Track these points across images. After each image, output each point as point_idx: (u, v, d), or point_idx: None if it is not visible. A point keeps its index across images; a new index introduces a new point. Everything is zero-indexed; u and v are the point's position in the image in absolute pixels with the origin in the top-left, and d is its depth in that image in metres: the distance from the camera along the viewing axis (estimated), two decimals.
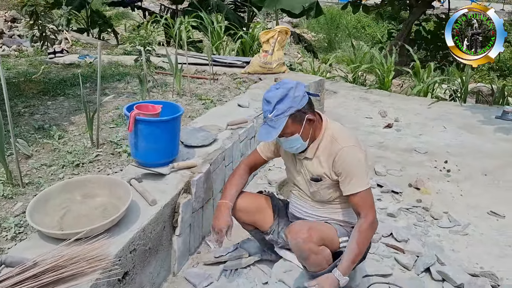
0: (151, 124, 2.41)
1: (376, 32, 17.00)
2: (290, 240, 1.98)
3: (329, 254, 2.00)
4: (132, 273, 1.97)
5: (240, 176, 2.25)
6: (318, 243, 1.94)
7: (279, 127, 1.87)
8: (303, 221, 2.11)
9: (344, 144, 1.94)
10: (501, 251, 2.73)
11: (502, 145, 4.35)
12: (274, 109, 1.85)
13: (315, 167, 2.02)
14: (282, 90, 1.85)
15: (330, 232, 2.04)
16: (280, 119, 1.86)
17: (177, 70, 4.11)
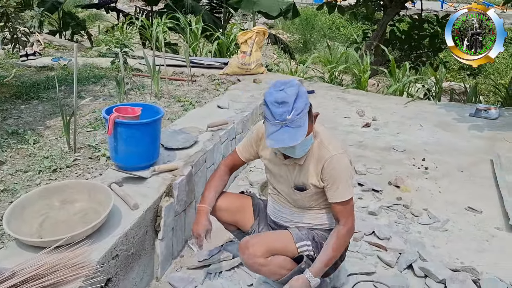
0: (131, 127, 2.37)
1: (351, 32, 17.21)
2: (239, 256, 2.00)
3: (282, 261, 1.98)
4: (115, 279, 1.92)
5: (220, 177, 2.24)
6: (264, 256, 1.93)
7: (304, 125, 1.78)
8: (252, 235, 2.11)
9: (334, 152, 1.91)
10: (479, 245, 2.79)
11: (476, 142, 4.45)
12: (293, 109, 1.75)
13: (303, 174, 1.98)
14: (293, 88, 1.77)
15: (282, 241, 2.02)
16: (302, 117, 1.77)
17: (155, 72, 4.06)
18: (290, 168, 2.01)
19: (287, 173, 2.03)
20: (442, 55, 11.37)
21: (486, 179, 3.69)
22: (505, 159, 3.92)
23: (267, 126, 1.80)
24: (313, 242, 2.04)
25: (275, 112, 1.75)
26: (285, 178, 2.05)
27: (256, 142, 2.15)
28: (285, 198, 2.11)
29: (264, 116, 1.82)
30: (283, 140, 1.75)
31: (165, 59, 4.54)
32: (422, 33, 9.27)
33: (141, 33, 7.93)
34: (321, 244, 2.04)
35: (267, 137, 1.79)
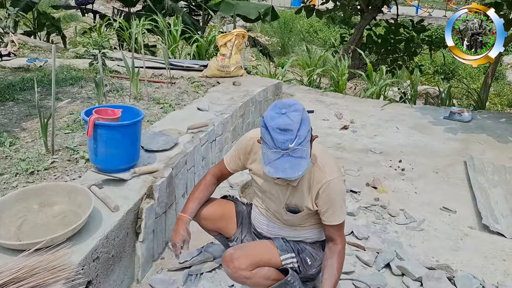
0: (111, 129, 2.35)
1: (329, 36, 17.41)
2: (223, 269, 1.99)
3: (267, 272, 1.97)
4: (96, 281, 1.91)
5: (205, 188, 2.18)
6: (248, 269, 1.91)
7: (307, 155, 1.69)
8: (238, 246, 2.09)
9: (330, 176, 1.85)
10: (454, 244, 2.87)
11: (451, 144, 4.58)
12: (297, 137, 1.64)
13: (296, 197, 1.93)
14: (297, 114, 1.66)
15: (266, 253, 2.00)
16: (305, 146, 1.67)
17: (134, 73, 4.03)
18: (283, 189, 1.96)
19: (278, 193, 1.98)
20: (417, 59, 11.64)
21: (460, 180, 3.80)
22: (477, 160, 4.05)
23: (265, 152, 1.70)
24: (297, 256, 2.04)
25: (277, 139, 1.64)
26: (276, 197, 2.00)
27: (244, 155, 2.07)
28: (273, 214, 2.08)
29: (263, 140, 1.71)
30: (284, 170, 1.65)
31: (144, 61, 4.51)
32: (398, 38, 9.46)
33: (119, 34, 7.85)
34: (304, 259, 2.05)
35: (265, 164, 1.69)
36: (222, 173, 2.21)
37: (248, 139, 2.05)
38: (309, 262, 2.07)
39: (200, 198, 2.16)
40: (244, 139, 2.08)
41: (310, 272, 2.09)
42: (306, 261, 2.06)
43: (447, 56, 15.70)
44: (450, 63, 16.15)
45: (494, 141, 4.67)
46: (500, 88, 14.52)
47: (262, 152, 1.72)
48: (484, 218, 3.06)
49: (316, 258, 2.09)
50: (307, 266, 2.06)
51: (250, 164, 2.07)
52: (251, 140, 2.02)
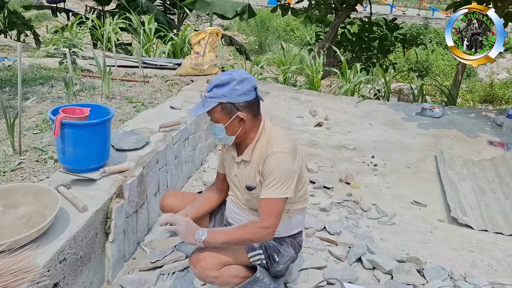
0: (79, 128, 2.31)
1: (305, 34, 17.53)
2: (191, 270, 1.99)
3: (235, 271, 1.97)
4: (63, 284, 1.87)
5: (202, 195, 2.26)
6: (216, 268, 1.91)
7: (206, 108, 1.90)
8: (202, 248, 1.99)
9: (277, 149, 1.90)
10: (424, 237, 2.93)
11: (422, 139, 4.66)
12: (211, 91, 1.88)
13: (252, 174, 1.99)
14: (227, 77, 1.87)
15: (233, 252, 1.99)
16: (210, 102, 1.88)
17: (106, 72, 3.97)
18: (241, 167, 2.04)
19: (239, 172, 2.06)
20: (391, 57, 11.82)
21: (431, 174, 3.88)
22: (447, 155, 4.14)
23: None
24: (265, 252, 2.05)
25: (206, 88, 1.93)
26: (238, 178, 2.08)
27: (222, 153, 2.21)
28: (239, 199, 2.13)
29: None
30: (194, 107, 1.97)
31: (116, 60, 4.45)
32: (372, 36, 9.59)
33: (92, 33, 7.73)
34: (272, 256, 2.06)
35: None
36: (217, 180, 2.27)
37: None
38: (276, 259, 2.08)
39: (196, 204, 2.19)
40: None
41: (278, 268, 2.09)
42: (273, 258, 2.07)
43: (421, 54, 16.03)
44: (424, 61, 16.48)
45: (463, 135, 4.78)
46: (472, 85, 14.89)
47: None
48: (452, 211, 3.13)
49: (283, 255, 2.10)
50: (275, 263, 2.07)
51: (224, 155, 2.18)
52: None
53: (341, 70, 6.80)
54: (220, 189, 2.25)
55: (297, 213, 2.11)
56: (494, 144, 4.56)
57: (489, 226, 3.05)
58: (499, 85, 14.17)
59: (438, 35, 18.73)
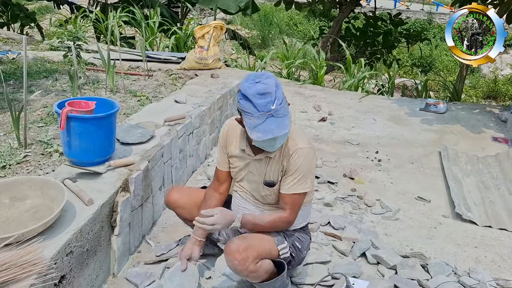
0: (85, 121, 2.31)
1: (308, 29, 17.47)
2: (226, 260, 1.94)
3: (267, 266, 1.98)
4: (70, 276, 1.88)
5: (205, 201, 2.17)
6: (254, 262, 1.90)
7: (288, 113, 1.77)
8: (240, 237, 2.03)
9: (302, 145, 1.92)
10: (428, 233, 2.93)
11: (426, 135, 4.66)
12: (276, 98, 1.74)
13: (272, 169, 1.98)
14: (271, 79, 1.77)
15: (268, 245, 2.00)
16: (284, 106, 1.76)
17: (110, 66, 3.97)
18: (261, 164, 2.00)
19: (257, 169, 2.02)
20: (395, 52, 11.77)
21: (435, 170, 3.87)
22: (451, 151, 4.14)
23: (249, 121, 1.76)
24: (288, 242, 2.06)
25: (259, 103, 1.72)
26: (254, 174, 2.04)
27: (224, 145, 2.11)
28: (251, 195, 2.10)
29: (243, 110, 1.77)
30: (271, 130, 1.73)
31: (120, 54, 4.44)
32: (376, 31, 9.55)
33: (95, 26, 7.72)
34: (294, 244, 2.08)
35: (252, 130, 1.75)
36: (219, 180, 2.18)
37: (223, 129, 2.12)
38: (298, 246, 2.10)
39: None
40: (221, 132, 2.14)
41: (302, 255, 2.14)
42: (296, 246, 2.09)
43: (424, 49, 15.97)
44: (427, 56, 16.40)
45: (468, 131, 4.77)
46: (476, 81, 14.82)
47: (246, 123, 1.78)
48: (457, 207, 3.13)
49: (303, 241, 2.14)
50: (298, 251, 2.09)
51: (229, 150, 2.10)
52: (225, 128, 2.10)
53: (345, 65, 6.78)
54: (219, 188, 2.19)
55: (305, 205, 2.12)
56: (499, 140, 4.55)
57: (493, 222, 3.05)
58: (503, 81, 14.10)
59: (441, 30, 18.62)
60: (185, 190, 2.41)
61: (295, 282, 2.29)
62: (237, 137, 2.05)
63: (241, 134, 2.02)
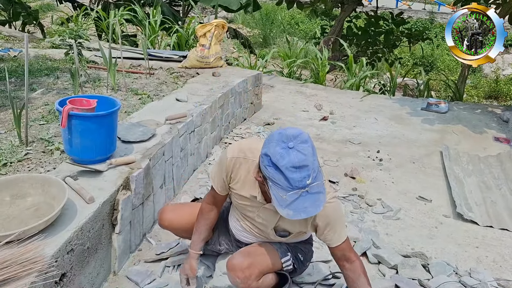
0: (86, 119, 2.31)
1: (310, 28, 17.45)
2: (228, 276, 1.91)
3: (270, 281, 1.96)
4: (70, 274, 1.88)
5: (203, 217, 2.07)
6: (257, 279, 1.87)
7: (324, 188, 1.55)
8: (243, 252, 1.97)
9: (328, 198, 1.72)
10: (429, 232, 2.93)
11: (427, 135, 4.65)
12: (312, 171, 1.49)
13: (287, 221, 1.84)
14: (307, 146, 1.51)
15: (271, 260, 1.96)
16: (321, 178, 1.54)
17: (111, 64, 3.96)
18: (273, 213, 1.83)
19: (269, 216, 1.88)
20: (397, 52, 11.75)
21: (437, 170, 3.87)
22: (453, 151, 4.13)
23: (277, 193, 1.52)
24: (292, 254, 2.05)
25: (293, 178, 1.47)
26: (264, 221, 1.91)
27: (227, 176, 1.90)
28: (258, 233, 2.01)
29: (271, 179, 1.53)
30: (304, 209, 1.50)
31: (122, 52, 4.44)
32: (378, 30, 9.53)
33: (97, 24, 7.72)
34: (297, 257, 2.05)
35: (282, 207, 1.52)
36: (215, 198, 2.03)
37: (229, 160, 1.85)
38: (301, 258, 2.09)
39: (200, 229, 2.09)
40: (224, 159, 1.88)
41: (305, 267, 2.14)
42: (299, 258, 2.07)
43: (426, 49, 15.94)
44: (429, 56, 16.37)
45: (469, 131, 4.76)
46: (477, 80, 14.78)
47: (272, 193, 1.54)
48: (458, 207, 3.12)
49: (305, 252, 2.12)
50: (300, 263, 2.09)
51: (234, 184, 1.90)
52: (231, 161, 1.85)
53: (347, 64, 6.77)
54: (219, 206, 2.09)
55: None
56: (500, 140, 4.55)
57: (495, 222, 3.04)
58: (504, 81, 14.07)
59: (443, 30, 18.57)
60: (178, 209, 2.26)
61: (296, 282, 2.29)
62: (247, 180, 1.84)
63: (253, 179, 1.77)
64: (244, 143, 1.96)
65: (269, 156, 1.51)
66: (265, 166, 1.53)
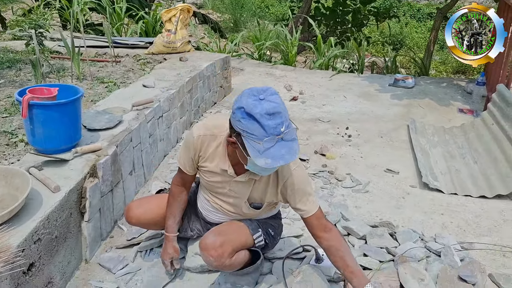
0: (47, 108, 2.28)
1: (280, 11, 17.37)
2: (202, 256, 1.94)
3: (242, 258, 2.00)
4: (39, 263, 1.88)
5: (175, 200, 2.08)
6: (230, 256, 1.90)
7: (296, 136, 1.59)
8: (215, 231, 1.98)
9: (294, 165, 1.80)
10: (397, 203, 3.01)
11: (395, 110, 4.74)
12: (285, 119, 1.54)
13: (259, 191, 1.88)
14: (277, 96, 1.55)
15: (243, 237, 2.00)
16: (292, 126, 1.58)
17: (75, 53, 3.89)
18: (245, 185, 1.87)
19: (239, 189, 1.90)
20: (366, 31, 11.84)
21: (404, 143, 3.96)
22: (419, 123, 4.23)
23: (254, 145, 1.53)
24: (262, 230, 2.08)
25: (268, 125, 1.49)
26: (236, 194, 1.92)
27: (195, 155, 1.90)
28: (229, 210, 2.03)
29: (246, 132, 1.53)
30: (282, 156, 1.52)
31: (85, 40, 4.36)
32: (345, 9, 9.56)
33: (61, 14, 7.51)
34: (268, 232, 2.10)
35: (258, 156, 1.52)
36: (184, 179, 2.03)
37: (196, 139, 1.85)
38: (272, 233, 2.13)
39: (174, 213, 2.10)
40: (191, 138, 1.87)
41: (275, 242, 2.19)
42: (270, 233, 2.12)
43: (395, 27, 16.10)
44: (398, 34, 16.55)
45: (435, 104, 4.88)
46: (445, 56, 15.06)
47: (248, 147, 1.55)
48: (424, 177, 3.22)
49: (276, 227, 2.17)
50: (272, 238, 2.13)
51: (203, 162, 1.90)
52: (198, 139, 1.84)
53: (316, 44, 6.80)
54: (188, 187, 2.11)
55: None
56: (464, 112, 4.68)
57: (459, 190, 3.15)
58: None
59: (411, 8, 18.78)
60: (144, 203, 2.23)
61: (268, 257, 2.33)
62: (217, 155, 1.86)
63: (223, 153, 1.83)
64: (209, 121, 1.98)
65: (243, 107, 1.53)
66: (239, 120, 1.54)
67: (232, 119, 1.60)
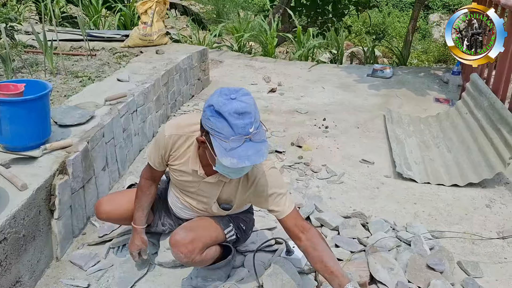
0: (13, 104, 2.24)
1: (263, 1, 17.26)
2: (172, 252, 1.92)
3: (213, 253, 2.00)
4: (5, 263, 1.85)
5: (143, 193, 2.06)
6: (200, 252, 1.90)
7: (266, 138, 1.57)
8: (185, 227, 1.97)
9: (265, 166, 1.78)
10: (371, 193, 3.05)
11: (372, 100, 4.78)
12: (255, 120, 1.52)
13: (228, 192, 1.87)
14: (249, 97, 1.54)
15: (214, 233, 1.99)
16: (262, 129, 1.57)
17: (47, 47, 3.82)
18: (214, 186, 1.86)
19: (209, 190, 1.89)
20: (349, 21, 11.83)
21: (380, 133, 4.00)
22: (395, 113, 4.27)
23: (220, 143, 1.51)
24: (234, 224, 2.08)
25: (236, 124, 1.47)
26: (206, 193, 1.92)
27: (165, 154, 1.87)
28: (199, 209, 2.02)
29: (214, 130, 1.51)
30: (248, 157, 1.50)
31: (59, 34, 4.29)
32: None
33: (36, 7, 7.37)
34: (239, 226, 2.10)
35: (223, 154, 1.50)
36: (153, 173, 2.02)
37: (167, 138, 1.83)
38: (243, 227, 2.13)
39: (142, 206, 2.08)
40: (162, 137, 1.85)
41: (247, 236, 2.19)
42: (241, 227, 2.12)
43: (377, 17, 16.16)
44: (380, 24, 16.61)
45: (412, 94, 4.93)
46: (427, 45, 15.17)
47: (215, 145, 1.53)
48: (397, 166, 3.26)
49: (247, 221, 2.17)
50: (243, 232, 2.13)
51: (173, 161, 1.88)
52: (170, 138, 1.82)
53: (295, 35, 6.79)
54: (157, 181, 2.10)
55: None
56: (440, 101, 4.73)
57: (432, 179, 3.20)
58: None
59: None
60: (114, 199, 2.23)
61: (240, 250, 2.34)
62: (188, 155, 1.84)
63: (194, 153, 1.81)
64: (181, 120, 1.96)
65: (212, 105, 1.51)
66: (208, 118, 1.53)
67: (202, 117, 1.58)
